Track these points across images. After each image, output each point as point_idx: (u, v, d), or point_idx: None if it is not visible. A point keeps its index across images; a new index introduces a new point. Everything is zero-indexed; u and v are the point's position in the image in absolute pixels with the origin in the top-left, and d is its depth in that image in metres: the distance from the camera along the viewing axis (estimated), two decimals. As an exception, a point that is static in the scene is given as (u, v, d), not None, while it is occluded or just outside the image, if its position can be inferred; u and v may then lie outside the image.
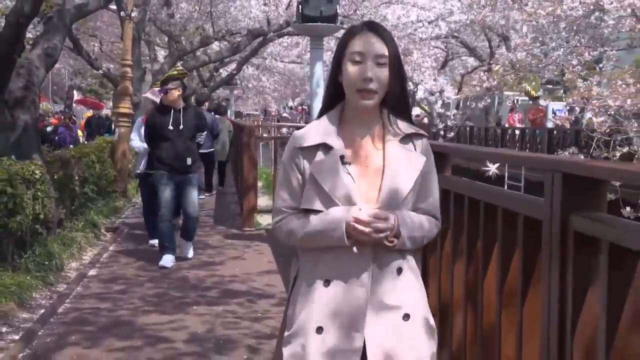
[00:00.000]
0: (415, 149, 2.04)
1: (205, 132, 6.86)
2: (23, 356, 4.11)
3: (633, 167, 2.11)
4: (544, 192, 2.25)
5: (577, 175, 2.07)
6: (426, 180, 2.06)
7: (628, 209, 6.42)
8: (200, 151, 7.29)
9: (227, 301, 5.38)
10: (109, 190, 10.09)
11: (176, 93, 6.46)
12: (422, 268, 2.45)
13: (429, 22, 18.99)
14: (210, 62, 14.48)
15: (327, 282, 1.96)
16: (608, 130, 6.78)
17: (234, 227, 8.81)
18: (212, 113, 11.53)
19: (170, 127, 6.41)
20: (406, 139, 2.03)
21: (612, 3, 7.90)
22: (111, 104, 42.01)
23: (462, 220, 2.90)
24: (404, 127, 2.03)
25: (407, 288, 2.00)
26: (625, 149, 6.64)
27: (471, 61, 29.32)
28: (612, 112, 6.73)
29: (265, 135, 17.60)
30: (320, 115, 2.08)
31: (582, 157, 6.80)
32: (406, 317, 1.97)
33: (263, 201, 10.46)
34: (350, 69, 1.95)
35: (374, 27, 2.00)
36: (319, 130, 2.02)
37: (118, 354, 4.17)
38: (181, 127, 6.44)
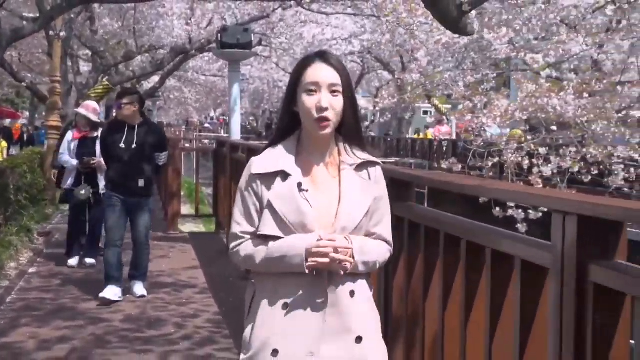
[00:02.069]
0: (369, 177, 2.09)
1: (166, 152, 6.27)
2: (-17, 335, 4.89)
3: (424, 174, 3.21)
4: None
5: (398, 179, 3.13)
6: (379, 206, 2.11)
7: (497, 209, 7.67)
8: None
9: (156, 291, 6.25)
10: (39, 199, 10.72)
11: (132, 108, 5.88)
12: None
13: (343, 40, 20.27)
14: (135, 77, 15.20)
15: (285, 306, 2.01)
16: (482, 144, 8.03)
17: (160, 230, 9.59)
18: None
19: (122, 145, 5.84)
20: (361, 166, 2.08)
21: (490, 34, 9.19)
22: (28, 114, 41.57)
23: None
24: (358, 155, 2.09)
25: (359, 311, 2.05)
26: (496, 159, 7.92)
27: (386, 75, 30.86)
28: (486, 129, 7.98)
29: (187, 145, 18.40)
30: (275, 142, 2.12)
31: (460, 166, 8.04)
32: (358, 339, 2.02)
33: (186, 209, 11.32)
34: (306, 99, 2.00)
35: (326, 58, 2.06)
36: (276, 158, 2.06)
37: (65, 331, 4.99)
38: (134, 145, 5.85)
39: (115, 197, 5.90)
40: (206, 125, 42.61)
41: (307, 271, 1.96)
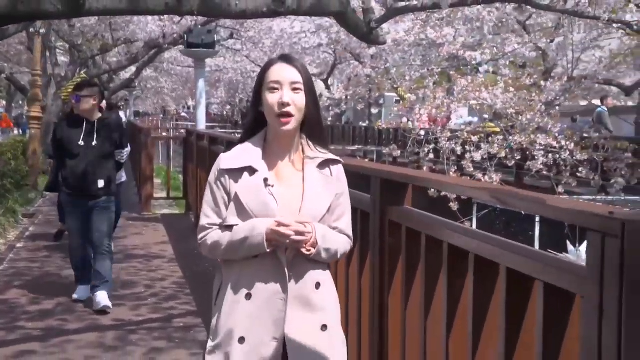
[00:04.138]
0: (331, 174, 2.20)
1: (127, 149, 5.87)
2: (-17, 294, 5.84)
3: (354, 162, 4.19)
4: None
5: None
6: (340, 202, 2.21)
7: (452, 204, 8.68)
8: None
9: (129, 261, 7.21)
10: (22, 184, 11.59)
11: (91, 102, 5.43)
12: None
13: (312, 33, 21.17)
14: (111, 70, 16.03)
15: (248, 296, 2.10)
16: (422, 133, 9.06)
17: (134, 212, 10.54)
18: None
19: (81, 143, 5.40)
20: (323, 164, 2.19)
21: (433, 34, 10.21)
22: (4, 102, 42.02)
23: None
24: (321, 153, 2.20)
25: (324, 301, 2.17)
26: (432, 146, 8.96)
27: (357, 64, 31.81)
28: (425, 119, 9.01)
29: (164, 134, 19.31)
30: (242, 140, 2.23)
31: (399, 152, 9.06)
32: (324, 327, 2.14)
33: (164, 195, 12.25)
34: (269, 96, 2.11)
35: (288, 59, 2.18)
36: (243, 154, 2.16)
37: (51, 291, 5.93)
38: (94, 142, 5.42)
39: (73, 199, 5.50)
40: (183, 114, 43.26)
41: (267, 249, 2.07)
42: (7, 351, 4.48)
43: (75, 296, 5.68)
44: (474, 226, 10.36)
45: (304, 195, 2.14)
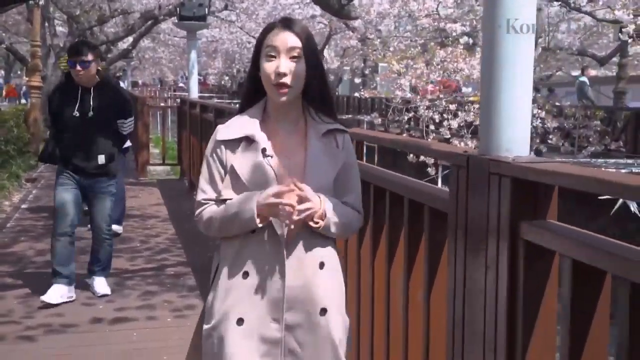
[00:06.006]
0: (337, 145, 2.07)
1: (131, 119, 5.08)
2: (-8, 247, 6.43)
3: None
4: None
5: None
6: (348, 175, 2.08)
7: (411, 155, 9.28)
8: None
9: (126, 220, 7.73)
10: (24, 151, 12.13)
11: (96, 67, 4.83)
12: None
13: (305, 4, 21.49)
14: (109, 41, 16.46)
15: (245, 274, 2.00)
16: (401, 101, 9.59)
17: (132, 177, 11.10)
18: None
19: (76, 113, 4.77)
20: (328, 134, 2.06)
21: (415, 6, 10.65)
22: (3, 72, 42.37)
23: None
24: (326, 122, 2.07)
25: (327, 283, 2.05)
26: (412, 114, 9.50)
27: (351, 35, 32.08)
28: (405, 88, 9.53)
29: (162, 104, 19.89)
30: (241, 109, 2.10)
31: (380, 120, 9.59)
32: (323, 311, 2.02)
33: (157, 160, 12.87)
34: (265, 64, 1.98)
35: (288, 23, 2.02)
36: (241, 124, 2.04)
37: (55, 245, 6.52)
38: (91, 113, 4.78)
39: (67, 175, 4.87)
40: (180, 84, 43.59)
41: (259, 224, 1.94)
42: (17, 292, 5.09)
43: (43, 298, 4.71)
44: (439, 184, 10.89)
45: (306, 167, 2.01)
